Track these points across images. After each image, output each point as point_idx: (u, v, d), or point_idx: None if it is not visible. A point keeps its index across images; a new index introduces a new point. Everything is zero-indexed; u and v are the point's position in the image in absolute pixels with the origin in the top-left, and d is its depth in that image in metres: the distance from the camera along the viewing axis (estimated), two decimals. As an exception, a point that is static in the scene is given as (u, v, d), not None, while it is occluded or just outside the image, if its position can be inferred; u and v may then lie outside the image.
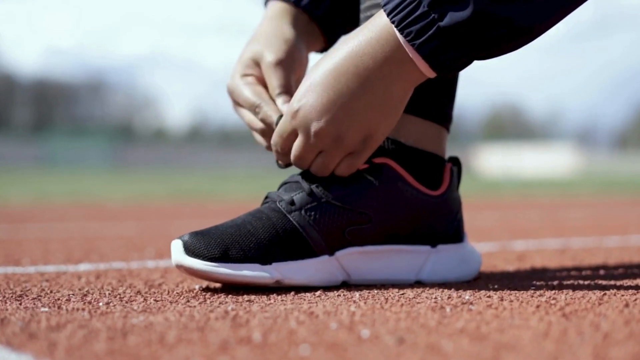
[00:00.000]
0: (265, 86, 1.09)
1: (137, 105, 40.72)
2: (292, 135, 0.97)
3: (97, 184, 9.60)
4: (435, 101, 1.06)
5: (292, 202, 0.98)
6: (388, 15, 0.90)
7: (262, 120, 1.06)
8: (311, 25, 1.15)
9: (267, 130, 1.06)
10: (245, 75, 1.10)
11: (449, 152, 1.09)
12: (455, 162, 1.08)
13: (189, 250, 0.95)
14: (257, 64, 1.09)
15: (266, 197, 1.02)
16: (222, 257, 0.95)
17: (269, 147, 1.06)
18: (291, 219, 0.98)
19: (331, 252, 0.99)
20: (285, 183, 1.02)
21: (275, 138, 0.99)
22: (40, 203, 4.74)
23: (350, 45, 0.93)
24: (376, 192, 0.99)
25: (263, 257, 0.96)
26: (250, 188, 8.06)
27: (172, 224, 2.87)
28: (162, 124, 40.79)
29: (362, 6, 1.07)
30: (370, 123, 0.94)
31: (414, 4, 0.88)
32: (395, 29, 0.90)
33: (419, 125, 1.04)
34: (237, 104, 1.10)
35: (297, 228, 0.98)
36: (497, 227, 2.54)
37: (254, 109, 1.07)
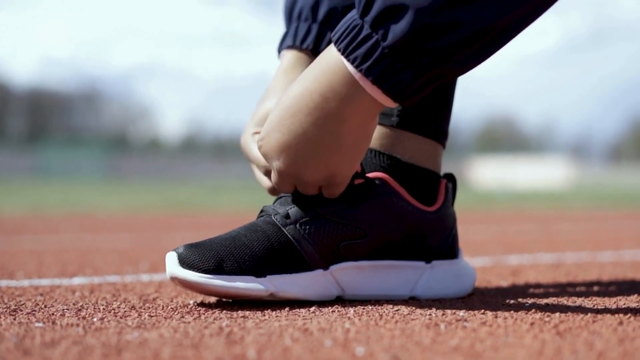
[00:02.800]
0: None
1: (132, 115, 40.71)
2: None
3: (91, 194, 9.59)
4: (431, 117, 1.06)
5: (287, 216, 0.99)
6: (335, 43, 0.87)
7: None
8: None
9: (274, 188, 1.08)
10: (257, 132, 1.10)
11: (443, 164, 1.09)
12: (451, 178, 1.08)
13: (184, 262, 0.95)
14: None
15: (261, 211, 1.03)
16: (216, 269, 0.95)
17: None
18: (286, 232, 0.98)
19: (326, 266, 0.99)
20: (280, 197, 1.03)
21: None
22: (35, 214, 4.73)
23: (302, 82, 0.90)
24: (371, 207, 1.00)
25: (257, 269, 0.96)
26: (245, 199, 8.05)
27: (166, 236, 2.87)
28: (157, 135, 40.79)
29: None
30: (329, 162, 0.92)
31: (357, 27, 0.86)
32: (342, 57, 0.87)
33: (415, 142, 1.05)
34: (248, 159, 1.12)
35: (291, 241, 0.98)
36: (491, 241, 2.54)
37: (262, 168, 1.09)
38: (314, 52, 1.14)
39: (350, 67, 0.86)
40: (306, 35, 1.14)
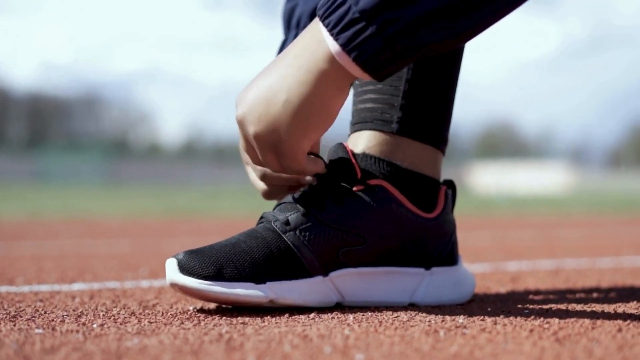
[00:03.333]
0: None
1: (132, 120, 40.72)
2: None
3: (91, 199, 9.59)
4: (431, 124, 1.06)
5: (287, 222, 0.99)
6: (317, 9, 0.88)
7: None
8: None
9: (269, 192, 1.09)
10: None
11: (442, 170, 1.09)
12: (450, 185, 1.08)
13: (183, 269, 0.95)
14: None
15: (261, 217, 1.03)
16: (216, 276, 0.95)
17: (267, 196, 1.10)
18: (286, 239, 0.98)
19: (325, 273, 0.99)
20: (280, 203, 1.03)
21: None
22: (34, 219, 4.73)
23: (287, 46, 0.91)
24: (371, 213, 1.00)
25: (257, 276, 0.96)
26: (245, 204, 8.05)
27: (166, 241, 2.87)
28: (157, 140, 40.79)
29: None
30: (276, 123, 0.90)
31: None
32: (319, 21, 0.87)
33: (415, 148, 1.05)
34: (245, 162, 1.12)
35: (291, 248, 0.98)
36: (490, 247, 2.54)
37: (258, 172, 1.09)
38: None
39: (323, 30, 0.87)
40: None
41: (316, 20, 0.89)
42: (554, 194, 19.73)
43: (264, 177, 1.08)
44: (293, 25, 1.17)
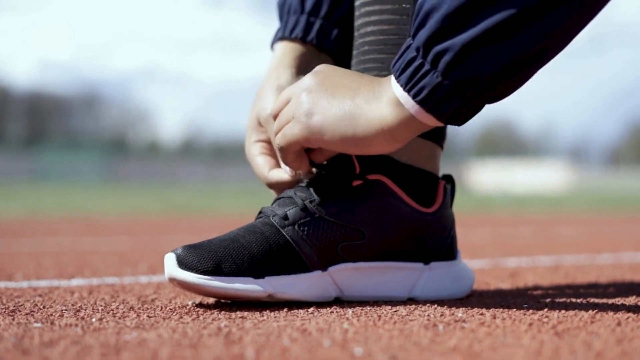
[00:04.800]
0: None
1: (131, 119, 40.69)
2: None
3: (90, 197, 9.59)
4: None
5: (285, 217, 0.99)
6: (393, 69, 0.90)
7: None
8: (321, 57, 1.14)
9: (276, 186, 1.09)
10: (258, 141, 1.11)
11: (442, 168, 1.09)
12: (449, 179, 1.08)
13: (182, 264, 0.95)
14: (261, 123, 1.11)
15: (260, 212, 1.03)
16: (214, 271, 0.95)
17: None
18: (284, 233, 0.98)
19: (324, 268, 0.99)
20: (279, 198, 1.03)
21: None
22: (34, 217, 4.73)
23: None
24: (370, 208, 1.00)
25: (256, 270, 0.96)
26: (244, 203, 8.06)
27: (165, 239, 2.87)
28: (156, 138, 40.76)
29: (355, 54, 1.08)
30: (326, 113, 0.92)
31: (405, 45, 0.88)
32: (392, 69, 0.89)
33: (414, 143, 1.05)
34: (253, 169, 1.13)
35: (290, 243, 0.98)
36: (490, 244, 2.54)
37: (265, 179, 1.09)
38: (302, 40, 1.14)
39: (391, 77, 0.89)
40: (295, 25, 1.15)
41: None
42: (553, 192, 19.74)
43: (272, 187, 1.09)
44: (284, 13, 1.18)
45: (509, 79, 0.85)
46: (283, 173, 1.06)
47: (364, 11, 1.06)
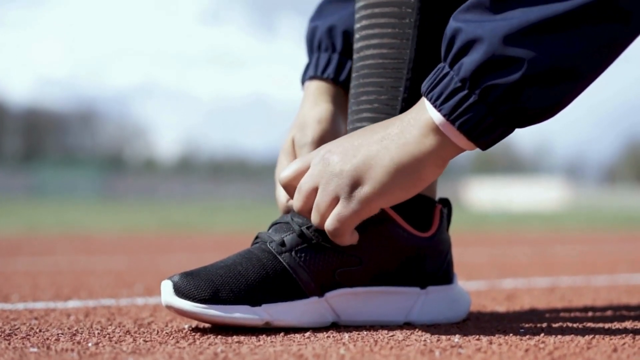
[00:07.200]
0: None
1: (128, 135, 40.71)
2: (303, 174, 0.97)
3: (86, 214, 9.57)
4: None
5: (282, 243, 0.99)
6: (422, 87, 0.90)
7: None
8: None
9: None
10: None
11: (438, 185, 1.10)
12: (445, 203, 1.08)
13: (179, 292, 0.95)
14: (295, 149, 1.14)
15: (256, 238, 1.03)
16: (212, 299, 0.95)
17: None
18: (281, 260, 0.98)
19: (321, 294, 0.99)
20: (275, 223, 1.03)
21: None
22: (30, 234, 4.72)
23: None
24: (366, 234, 1.00)
25: (253, 298, 0.96)
26: (241, 219, 8.05)
27: (161, 257, 2.86)
28: (153, 155, 40.77)
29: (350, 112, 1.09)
30: (366, 162, 0.92)
31: (439, 69, 0.89)
32: (424, 96, 0.90)
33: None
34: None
35: (287, 269, 0.98)
36: (486, 264, 2.54)
37: (283, 207, 1.13)
38: (334, 81, 1.18)
39: (427, 104, 0.89)
40: (327, 65, 1.19)
41: (422, 99, 0.91)
42: (550, 209, 19.74)
43: (289, 211, 1.10)
44: (315, 48, 1.20)
45: (554, 112, 0.88)
46: None
47: (364, 34, 1.07)
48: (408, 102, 1.04)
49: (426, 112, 0.89)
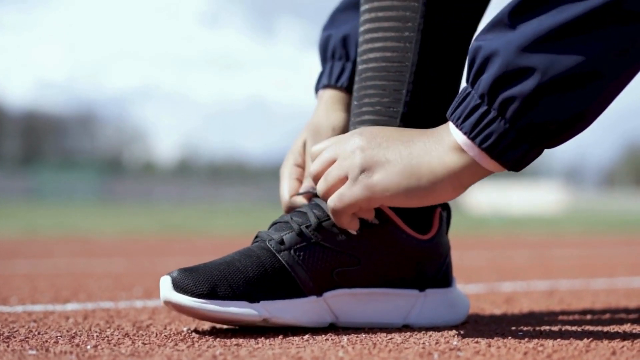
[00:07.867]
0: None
1: (127, 138, 40.74)
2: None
3: (85, 217, 9.57)
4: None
5: (281, 242, 0.99)
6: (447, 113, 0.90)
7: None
8: None
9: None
10: (295, 164, 1.14)
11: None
12: (445, 207, 1.09)
13: (178, 287, 0.95)
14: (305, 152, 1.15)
15: (256, 237, 1.03)
16: (210, 294, 0.95)
17: None
18: (280, 258, 0.98)
19: (319, 293, 0.99)
20: (275, 223, 1.03)
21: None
22: (29, 237, 4.72)
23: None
24: (366, 235, 1.00)
25: (251, 295, 0.96)
26: (239, 223, 8.05)
27: (160, 260, 2.86)
28: (152, 158, 40.79)
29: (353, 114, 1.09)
30: (376, 159, 0.91)
31: (463, 90, 0.89)
32: (449, 121, 0.89)
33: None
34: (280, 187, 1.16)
35: (286, 267, 0.98)
36: (485, 267, 2.54)
37: (285, 207, 1.12)
38: (348, 89, 1.18)
39: (451, 125, 0.89)
40: (340, 74, 1.19)
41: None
42: (549, 213, 19.75)
43: (291, 209, 1.10)
44: (329, 57, 1.21)
45: (576, 127, 0.86)
46: (302, 200, 1.09)
47: (367, 37, 1.07)
48: (410, 105, 1.04)
49: (450, 135, 0.89)
